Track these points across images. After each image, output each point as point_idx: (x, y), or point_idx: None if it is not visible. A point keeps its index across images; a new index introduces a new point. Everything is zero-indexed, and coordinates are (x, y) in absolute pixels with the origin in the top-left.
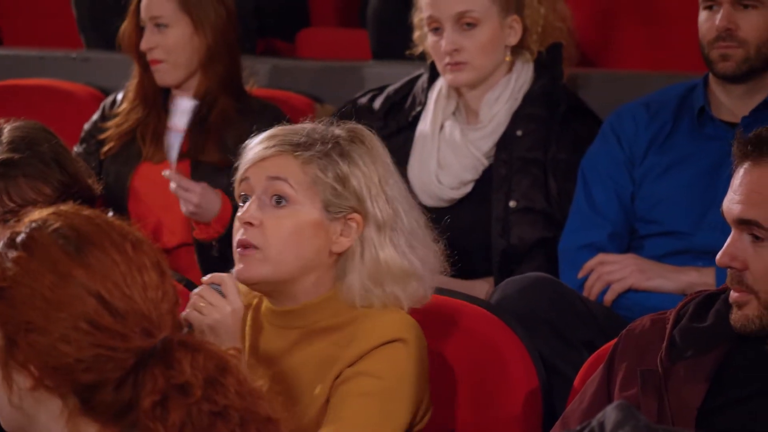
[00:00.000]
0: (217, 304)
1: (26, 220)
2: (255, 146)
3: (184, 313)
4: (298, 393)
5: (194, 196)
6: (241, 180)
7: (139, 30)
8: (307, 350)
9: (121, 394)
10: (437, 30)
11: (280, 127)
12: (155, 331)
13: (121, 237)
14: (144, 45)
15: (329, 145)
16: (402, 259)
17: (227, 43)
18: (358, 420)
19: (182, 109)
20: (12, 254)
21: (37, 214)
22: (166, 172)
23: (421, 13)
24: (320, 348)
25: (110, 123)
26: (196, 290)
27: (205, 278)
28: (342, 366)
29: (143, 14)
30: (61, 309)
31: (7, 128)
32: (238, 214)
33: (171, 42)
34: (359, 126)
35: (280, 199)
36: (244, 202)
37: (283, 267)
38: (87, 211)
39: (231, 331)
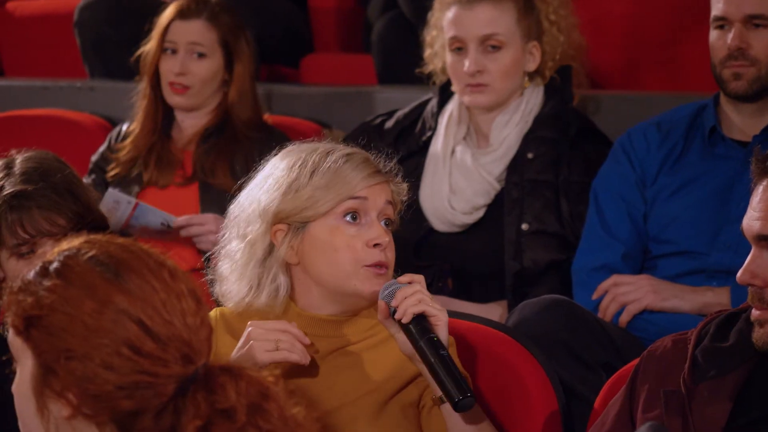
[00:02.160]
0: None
1: (56, 250)
2: (362, 168)
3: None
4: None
5: (211, 227)
6: (353, 197)
7: (161, 53)
8: (354, 358)
9: (161, 421)
10: (460, 50)
11: (364, 151)
12: (195, 358)
13: (157, 264)
14: (179, 68)
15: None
16: None
17: (250, 74)
18: None
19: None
20: (47, 283)
21: (68, 244)
22: (174, 222)
23: (435, 31)
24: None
25: (121, 145)
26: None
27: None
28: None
29: (176, 37)
30: (102, 335)
31: (19, 159)
32: (371, 235)
33: (204, 72)
34: None
35: (389, 222)
36: (354, 219)
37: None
38: (120, 239)
39: None
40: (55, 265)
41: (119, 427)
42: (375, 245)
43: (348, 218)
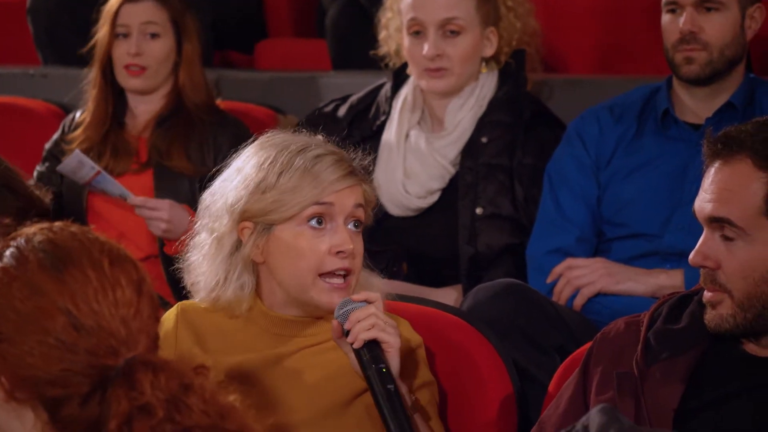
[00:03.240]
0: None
1: (12, 235)
2: (331, 171)
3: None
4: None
5: (163, 213)
6: (318, 203)
7: (113, 39)
8: (318, 359)
9: (87, 410)
10: (418, 33)
11: (339, 151)
12: (122, 350)
13: (99, 253)
14: (134, 50)
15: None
16: None
17: (198, 55)
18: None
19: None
20: (11, 264)
21: (23, 231)
22: (130, 198)
23: (390, 14)
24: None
25: (72, 136)
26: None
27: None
28: None
29: (128, 20)
30: (29, 322)
31: None
32: (335, 242)
33: (159, 51)
34: None
35: (358, 224)
36: (319, 224)
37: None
38: (74, 228)
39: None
40: (9, 250)
41: (48, 413)
42: (338, 252)
43: (313, 223)
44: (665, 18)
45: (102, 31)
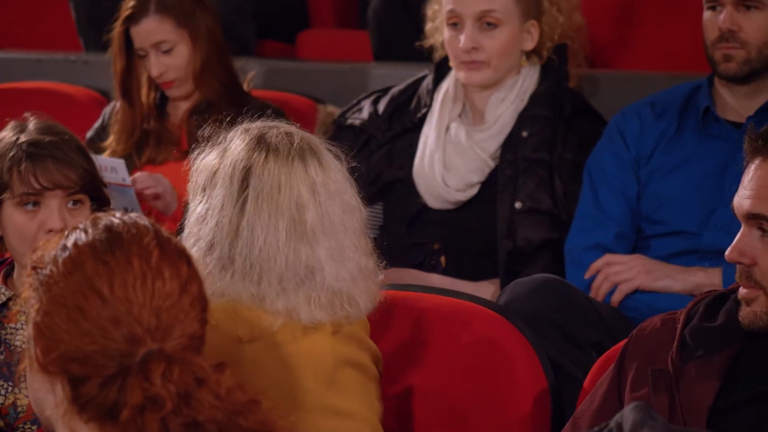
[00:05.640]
0: None
1: (97, 216)
2: None
3: None
4: None
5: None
6: None
7: (130, 63)
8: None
9: (105, 393)
10: (456, 26)
11: None
12: (147, 339)
13: (151, 243)
14: (155, 72)
15: None
16: None
17: (219, 49)
18: None
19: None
20: (69, 243)
21: (103, 214)
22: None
23: (436, 5)
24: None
25: (104, 144)
26: None
27: None
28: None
29: (140, 44)
30: (66, 297)
31: (31, 120)
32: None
33: (178, 61)
34: None
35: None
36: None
37: None
38: (142, 219)
39: None
40: (75, 229)
41: (71, 389)
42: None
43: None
44: (706, 15)
45: (114, 55)
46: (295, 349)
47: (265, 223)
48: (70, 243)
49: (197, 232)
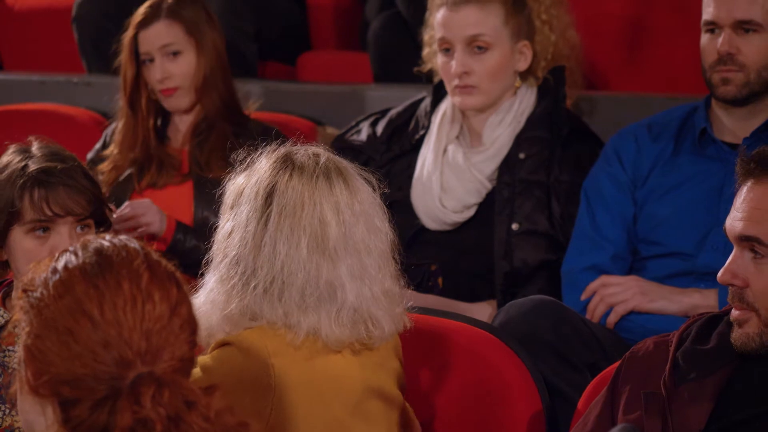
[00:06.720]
0: None
1: (87, 239)
2: None
3: None
4: None
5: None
6: None
7: (138, 66)
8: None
9: (96, 416)
10: (448, 51)
11: None
12: (138, 363)
13: (141, 267)
14: (159, 75)
15: None
16: None
17: (222, 66)
18: None
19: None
20: (59, 266)
21: (94, 237)
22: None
23: (431, 31)
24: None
25: (101, 167)
26: None
27: None
28: None
29: (147, 47)
30: (57, 321)
31: (35, 144)
32: None
33: (185, 68)
34: None
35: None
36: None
37: None
38: (133, 242)
39: None
40: (66, 252)
41: (62, 412)
42: None
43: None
44: (704, 38)
45: (123, 62)
46: (321, 372)
47: (287, 238)
48: (60, 266)
49: (224, 248)
